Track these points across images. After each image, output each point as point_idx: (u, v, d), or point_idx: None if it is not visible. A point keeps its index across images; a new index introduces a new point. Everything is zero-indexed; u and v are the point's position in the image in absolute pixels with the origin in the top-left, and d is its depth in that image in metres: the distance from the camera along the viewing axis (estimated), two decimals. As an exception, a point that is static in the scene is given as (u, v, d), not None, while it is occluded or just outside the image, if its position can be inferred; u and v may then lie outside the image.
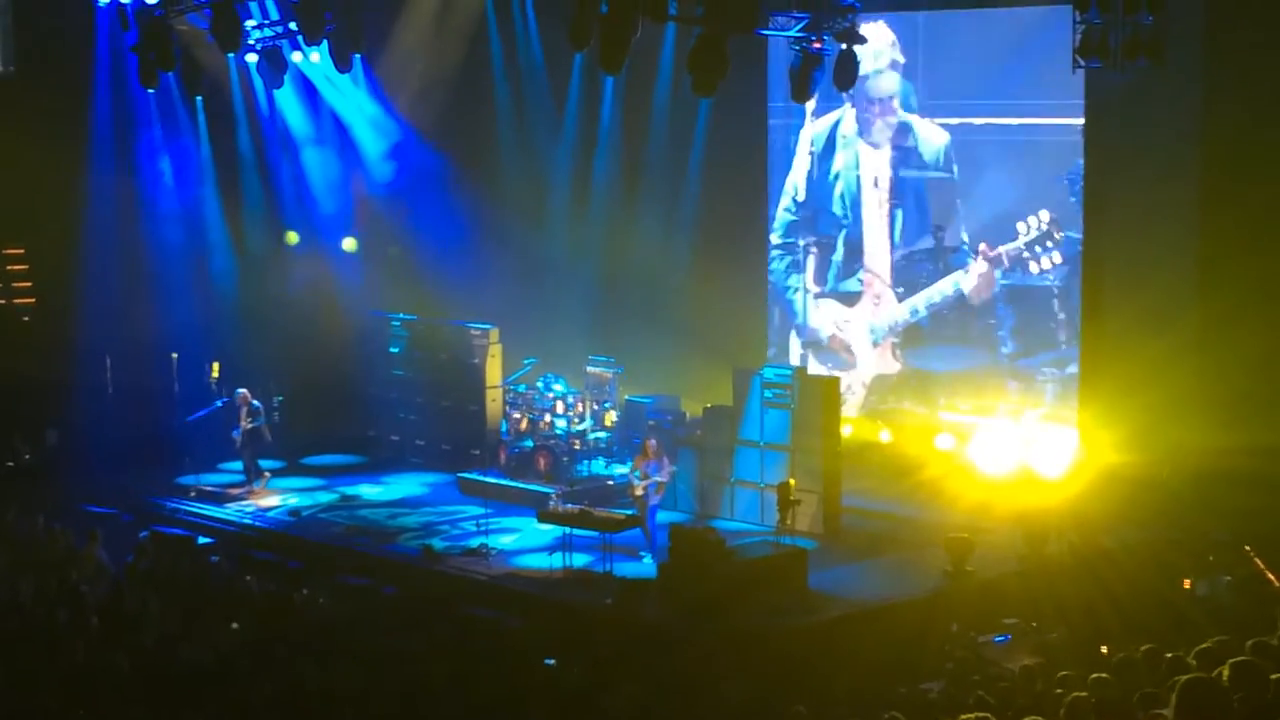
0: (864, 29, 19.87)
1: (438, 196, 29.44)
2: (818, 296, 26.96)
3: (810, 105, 25.30)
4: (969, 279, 24.92)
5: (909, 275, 25.87)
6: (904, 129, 25.77)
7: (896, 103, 25.75)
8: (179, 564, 20.59)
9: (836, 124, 26.54)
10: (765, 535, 21.57)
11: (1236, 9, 22.19)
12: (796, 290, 27.23)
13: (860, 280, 26.45)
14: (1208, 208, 22.73)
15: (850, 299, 26.63)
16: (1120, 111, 22.95)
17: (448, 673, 15.29)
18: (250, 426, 25.00)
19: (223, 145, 28.50)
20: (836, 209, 26.69)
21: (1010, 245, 24.40)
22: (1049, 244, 23.89)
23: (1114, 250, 23.77)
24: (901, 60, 25.51)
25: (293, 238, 29.28)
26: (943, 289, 25.23)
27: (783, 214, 27.38)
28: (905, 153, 25.81)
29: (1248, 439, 20.78)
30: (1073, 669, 13.62)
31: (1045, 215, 24.02)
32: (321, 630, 17.19)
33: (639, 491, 21.44)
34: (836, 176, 26.66)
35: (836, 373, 25.63)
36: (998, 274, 24.59)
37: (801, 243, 27.13)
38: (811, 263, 27.10)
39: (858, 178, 26.40)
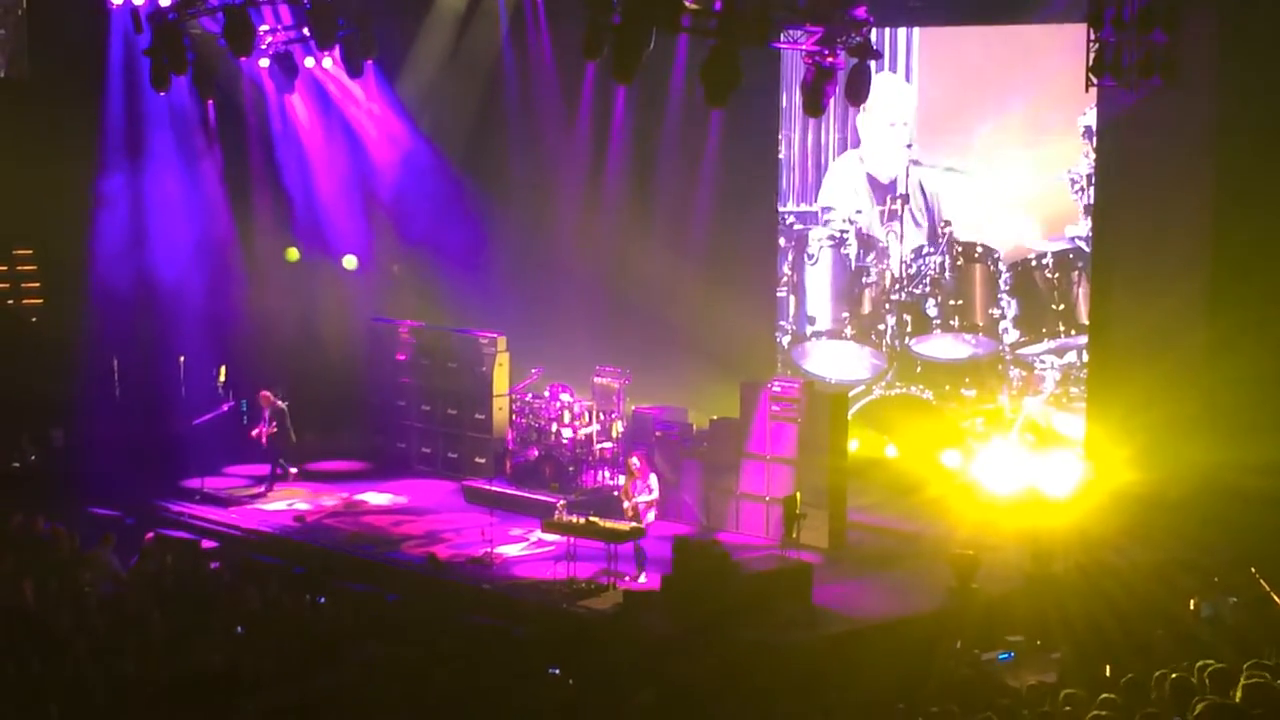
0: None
1: (448, 204, 29.45)
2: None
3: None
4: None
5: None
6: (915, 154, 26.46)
7: (910, 135, 26.41)
8: (183, 568, 20.56)
9: (859, 158, 27.05)
10: (770, 549, 21.57)
11: (1249, 27, 22.18)
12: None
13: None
14: (1218, 225, 22.74)
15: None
16: (1131, 129, 22.97)
17: (451, 681, 15.26)
18: (272, 430, 25.15)
19: (234, 149, 28.49)
20: (860, 219, 27.14)
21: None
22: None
23: (1123, 267, 23.84)
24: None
25: (293, 254, 29.26)
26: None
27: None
28: (918, 168, 26.37)
29: (1256, 457, 20.76)
30: (1078, 688, 13.59)
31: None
32: (325, 637, 17.14)
33: (629, 515, 21.41)
34: (858, 193, 27.09)
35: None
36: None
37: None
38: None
39: (874, 196, 26.93)
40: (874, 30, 20.00)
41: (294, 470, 25.69)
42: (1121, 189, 23.83)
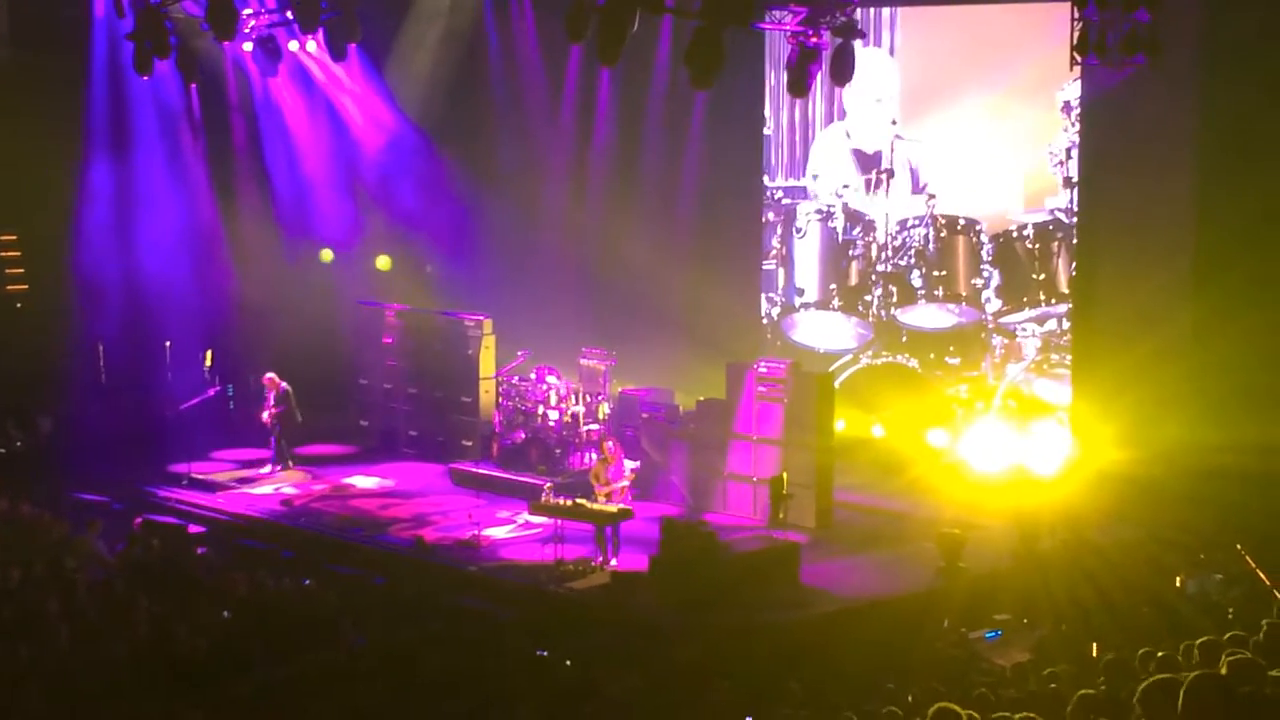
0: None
1: (433, 187, 29.41)
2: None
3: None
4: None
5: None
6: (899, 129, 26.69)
7: (894, 109, 26.61)
8: (171, 552, 20.53)
9: (845, 132, 27.28)
10: (757, 529, 21.59)
11: (1232, 5, 22.21)
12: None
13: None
14: (1202, 204, 22.78)
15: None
16: (1116, 107, 23.01)
17: (439, 664, 15.27)
18: (277, 411, 25.11)
19: (218, 133, 28.42)
20: (845, 193, 27.33)
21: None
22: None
23: (1108, 246, 23.90)
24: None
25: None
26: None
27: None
28: (902, 142, 26.63)
29: (1240, 436, 20.80)
30: (1064, 666, 13.63)
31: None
32: (312, 621, 17.14)
33: (600, 499, 21.35)
34: (843, 167, 27.28)
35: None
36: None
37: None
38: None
39: (860, 169, 27.14)
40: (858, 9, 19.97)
41: (291, 465, 25.64)
42: (1106, 168, 23.89)
